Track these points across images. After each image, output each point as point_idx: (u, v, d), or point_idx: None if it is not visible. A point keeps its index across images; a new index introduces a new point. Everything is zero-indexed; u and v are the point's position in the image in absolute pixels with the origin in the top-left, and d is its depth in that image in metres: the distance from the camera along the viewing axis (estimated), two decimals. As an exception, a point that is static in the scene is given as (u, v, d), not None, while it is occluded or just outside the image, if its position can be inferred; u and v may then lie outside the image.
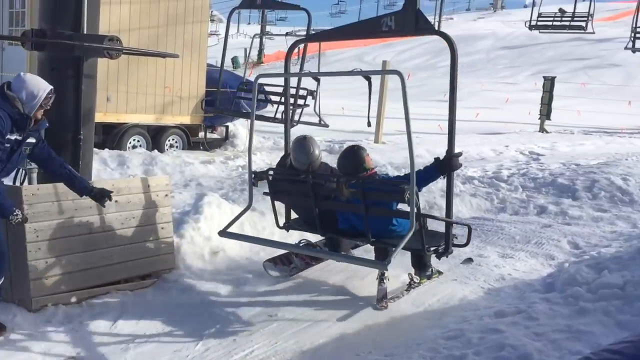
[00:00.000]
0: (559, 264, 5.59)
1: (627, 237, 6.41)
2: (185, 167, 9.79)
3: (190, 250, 5.43)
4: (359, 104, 21.31)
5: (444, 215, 4.56)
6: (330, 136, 12.86)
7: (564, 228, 6.95)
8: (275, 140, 12.78)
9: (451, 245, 4.39)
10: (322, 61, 47.62)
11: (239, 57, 44.57)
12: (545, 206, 7.90)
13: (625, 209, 7.86)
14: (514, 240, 6.47)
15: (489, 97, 27.46)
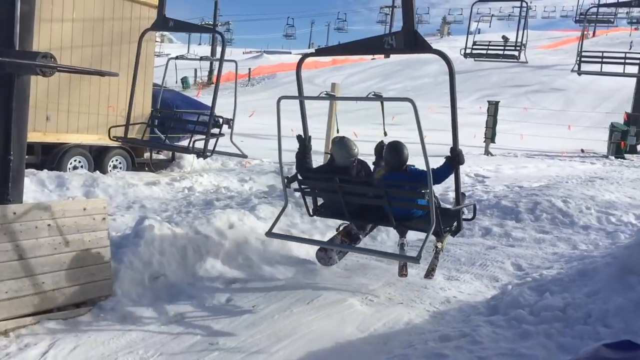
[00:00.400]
0: (502, 286, 5.63)
1: (568, 258, 6.53)
2: (128, 188, 9.50)
3: (129, 275, 5.21)
4: (322, 126, 21.32)
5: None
6: (292, 158, 12.76)
7: (508, 250, 7.04)
8: (223, 162, 12.60)
9: (462, 225, 5.38)
10: (272, 83, 48.24)
11: (188, 78, 44.20)
12: (490, 228, 8.01)
13: (565, 231, 8.04)
14: (459, 262, 6.51)
15: (437, 120, 28.00)
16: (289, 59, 61.32)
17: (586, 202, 9.27)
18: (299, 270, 6.09)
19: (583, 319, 4.08)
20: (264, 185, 10.01)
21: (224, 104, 13.42)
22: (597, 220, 8.51)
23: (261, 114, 20.12)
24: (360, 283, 5.78)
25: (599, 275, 4.62)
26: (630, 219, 8.56)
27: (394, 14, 64.43)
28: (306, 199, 5.91)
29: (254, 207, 7.34)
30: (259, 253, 6.19)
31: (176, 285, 5.38)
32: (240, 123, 19.56)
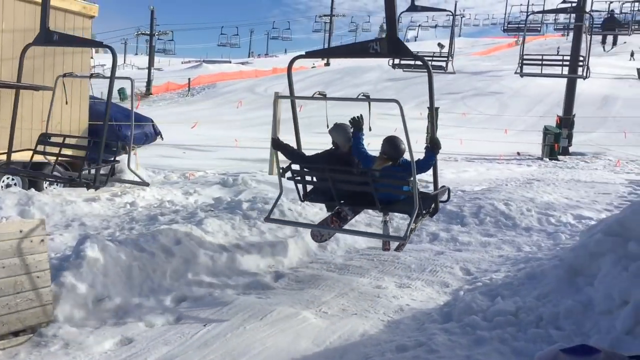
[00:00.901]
0: (453, 291, 5.69)
1: (514, 260, 6.68)
2: (66, 206, 9.11)
3: (71, 299, 4.96)
4: (252, 135, 21.20)
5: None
6: (225, 168, 12.60)
7: (456, 254, 7.14)
8: (166, 175, 12.30)
9: (439, 208, 6.04)
10: (212, 92, 47.57)
11: (125, 89, 43.11)
12: (437, 233, 8.11)
13: (509, 233, 8.25)
14: (410, 269, 6.54)
15: (378, 126, 28.33)
16: (228, 68, 60.92)
17: (526, 204, 9.54)
18: (249, 284, 5.96)
19: (535, 322, 4.15)
20: (209, 197, 9.82)
21: (162, 115, 13.03)
22: (537, 221, 8.77)
23: (204, 124, 19.80)
24: (312, 295, 5.71)
25: (547, 277, 4.72)
26: (569, 219, 8.86)
27: (332, 22, 64.97)
28: (298, 185, 6.29)
29: (201, 221, 7.16)
30: (208, 269, 6.03)
31: (122, 307, 5.15)
32: (182, 134, 19.24)
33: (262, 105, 34.99)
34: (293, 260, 6.84)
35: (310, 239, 7.33)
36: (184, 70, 60.32)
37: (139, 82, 47.38)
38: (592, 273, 4.28)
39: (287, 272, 6.41)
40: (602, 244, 4.35)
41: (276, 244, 6.96)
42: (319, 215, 8.39)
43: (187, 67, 65.45)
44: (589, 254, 4.42)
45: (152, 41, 48.03)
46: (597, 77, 40.72)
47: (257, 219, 7.59)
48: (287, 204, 8.27)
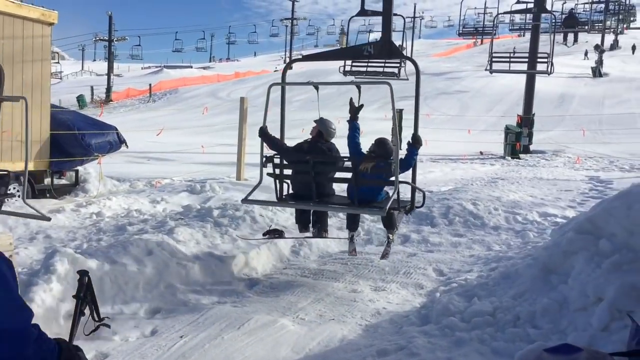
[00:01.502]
0: (429, 293, 5.74)
1: (485, 260, 6.78)
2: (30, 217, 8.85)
3: (41, 315, 4.81)
4: (217, 140, 21.01)
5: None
6: (191, 175, 12.45)
7: (428, 256, 7.20)
8: (131, 183, 12.09)
9: (415, 205, 6.41)
10: (175, 98, 47.06)
11: (85, 96, 42.28)
12: (408, 235, 8.17)
13: (478, 232, 8.37)
14: (384, 272, 6.57)
15: (344, 129, 28.46)
16: (190, 73, 60.37)
17: (493, 203, 9.70)
18: (224, 293, 5.90)
19: (512, 321, 4.22)
20: (177, 205, 9.68)
21: (124, 122, 12.81)
22: (505, 220, 8.92)
23: (167, 130, 19.54)
24: (289, 301, 5.68)
25: (522, 277, 4.81)
26: (535, 217, 9.05)
27: (293, 26, 64.98)
28: (276, 182, 6.59)
29: (172, 230, 7.06)
30: (182, 279, 5.94)
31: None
32: (146, 141, 18.96)
33: (226, 110, 34.80)
34: (267, 267, 6.80)
35: (283, 245, 7.32)
36: (145, 76, 59.55)
37: (97, 88, 46.59)
38: (566, 271, 4.37)
39: (262, 279, 6.37)
40: (575, 242, 4.45)
41: (249, 251, 6.90)
42: (290, 221, 8.37)
43: (147, 73, 64.61)
44: (562, 252, 4.52)
45: (111, 47, 47.22)
46: (554, 76, 41.78)
47: (229, 227, 7.53)
48: (258, 210, 8.23)
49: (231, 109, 31.62)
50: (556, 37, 23.96)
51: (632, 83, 40.59)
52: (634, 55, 55.03)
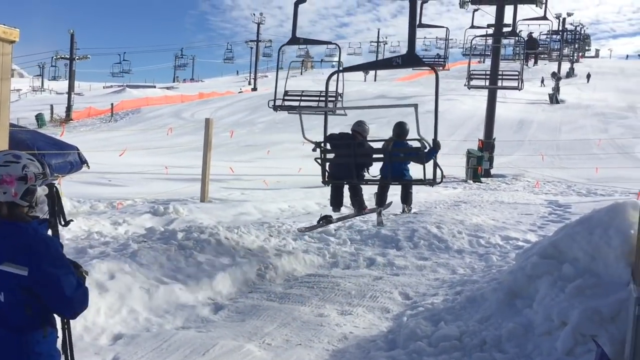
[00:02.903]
0: (395, 317, 5.75)
1: (450, 283, 6.83)
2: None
3: None
4: (181, 161, 20.79)
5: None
6: (154, 196, 12.27)
7: (394, 279, 7.22)
8: (92, 204, 11.82)
9: (436, 180, 7.68)
10: (137, 118, 46.59)
11: (44, 115, 41.43)
12: (374, 258, 8.19)
13: (442, 256, 8.45)
14: (350, 296, 6.55)
15: (309, 152, 28.59)
16: (153, 92, 59.85)
17: (457, 226, 9.83)
18: (188, 318, 5.79)
19: (479, 346, 4.25)
20: (140, 227, 9.49)
21: (85, 141, 12.60)
22: (469, 243, 9.04)
23: (130, 151, 19.26)
24: (254, 326, 5.61)
25: (488, 301, 4.86)
26: (498, 241, 9.20)
27: (258, 47, 65.29)
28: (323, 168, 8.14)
29: (135, 253, 6.91)
30: (145, 303, 5.81)
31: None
32: (107, 161, 18.62)
33: (190, 130, 34.49)
34: (232, 290, 6.71)
35: (248, 268, 7.25)
36: (107, 95, 58.77)
37: (57, 107, 45.73)
38: (531, 295, 4.44)
39: (227, 304, 6.27)
40: (539, 266, 4.53)
41: (214, 275, 6.81)
42: (256, 243, 8.31)
43: (109, 92, 63.79)
44: (526, 276, 4.59)
45: (72, 65, 46.51)
46: (513, 102, 42.97)
47: (194, 250, 7.42)
48: (224, 233, 8.14)
49: (195, 129, 31.38)
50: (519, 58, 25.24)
51: (587, 110, 42.01)
52: (589, 83, 57.04)
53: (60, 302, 2.62)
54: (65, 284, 2.59)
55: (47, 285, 2.57)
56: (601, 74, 62.16)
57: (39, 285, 2.55)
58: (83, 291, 2.69)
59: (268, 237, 8.92)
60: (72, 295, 2.61)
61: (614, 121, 38.01)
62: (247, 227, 9.13)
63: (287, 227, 10.02)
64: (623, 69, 67.97)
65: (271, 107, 12.28)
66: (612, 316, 3.67)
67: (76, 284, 2.65)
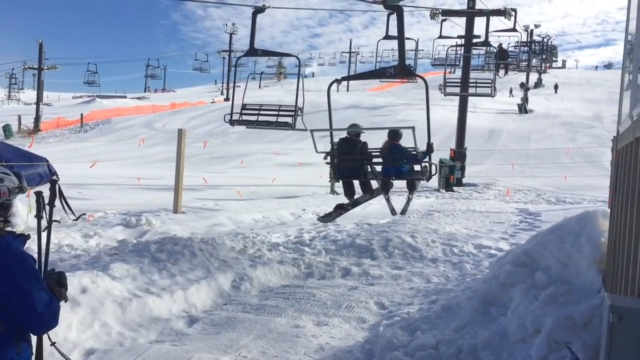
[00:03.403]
0: (371, 327, 5.75)
1: (425, 292, 6.87)
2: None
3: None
4: (153, 172, 20.56)
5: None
6: (126, 208, 12.10)
7: (369, 289, 7.24)
8: (62, 216, 11.58)
9: (431, 174, 9.13)
10: (107, 128, 45.98)
11: (11, 126, 40.65)
12: (349, 268, 8.20)
13: (417, 265, 8.50)
14: (326, 306, 6.54)
15: (282, 162, 28.57)
16: (124, 103, 59.19)
17: (431, 235, 9.92)
18: (163, 331, 5.71)
19: (455, 354, 4.27)
20: (112, 240, 9.35)
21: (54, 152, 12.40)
22: (442, 252, 9.12)
23: (101, 162, 18.98)
24: (230, 339, 5.55)
25: (463, 309, 4.90)
26: (471, 249, 9.30)
27: (231, 57, 65.12)
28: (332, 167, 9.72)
29: (107, 266, 6.80)
30: (118, 317, 5.71)
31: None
32: (78, 172, 18.31)
33: (162, 141, 34.20)
34: (207, 303, 6.65)
35: (223, 280, 7.19)
36: (76, 106, 57.91)
37: (25, 117, 44.89)
38: (505, 303, 4.49)
39: (202, 316, 6.21)
40: (512, 275, 4.59)
41: (188, 287, 6.74)
42: (231, 255, 8.26)
43: (79, 102, 62.91)
44: (500, 284, 4.65)
45: (41, 75, 45.77)
46: (483, 112, 43.59)
47: (167, 262, 7.33)
48: (198, 245, 8.07)
49: (167, 140, 31.13)
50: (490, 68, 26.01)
51: (555, 119, 42.83)
52: (556, 94, 58.21)
53: (30, 317, 2.58)
54: (37, 300, 2.55)
55: (19, 300, 2.53)
56: (568, 84, 63.51)
57: (10, 300, 2.51)
58: (54, 308, 2.65)
59: (243, 248, 8.86)
60: (42, 311, 2.58)
61: (582, 130, 38.82)
62: (222, 238, 9.06)
63: (262, 237, 9.98)
64: (589, 80, 69.57)
65: (227, 122, 11.72)
66: (585, 323, 3.73)
67: (48, 300, 2.62)
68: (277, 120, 11.92)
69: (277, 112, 11.99)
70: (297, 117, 11.40)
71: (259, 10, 10.65)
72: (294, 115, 11.44)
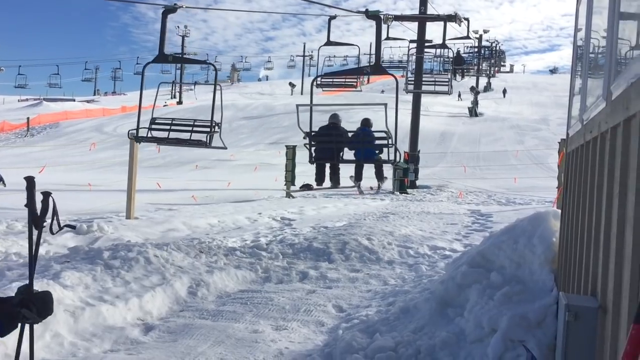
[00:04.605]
0: (330, 330, 5.76)
1: (382, 295, 6.93)
2: None
3: None
4: (104, 177, 20.10)
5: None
6: (76, 214, 11.79)
7: (327, 292, 7.25)
8: (8, 224, 11.20)
9: (397, 160, 10.03)
10: (55, 132, 44.87)
11: (-48, 129, 39.10)
12: (306, 271, 8.19)
13: (374, 267, 8.56)
14: (284, 311, 6.51)
15: (237, 165, 28.36)
16: (73, 106, 57.69)
17: (387, 237, 10.01)
18: (117, 340, 5.57)
19: (414, 355, 4.31)
20: (62, 247, 9.08)
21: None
22: (398, 254, 9.22)
23: (50, 167, 18.44)
24: (187, 346, 5.46)
25: (421, 311, 4.96)
26: (426, 251, 9.43)
27: (183, 69, 64.41)
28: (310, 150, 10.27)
29: (57, 275, 6.59)
30: (70, 327, 5.54)
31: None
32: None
33: (113, 145, 33.46)
34: (162, 310, 6.52)
35: (179, 286, 7.08)
36: (22, 109, 56.10)
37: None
38: (462, 304, 4.57)
39: (157, 324, 6.08)
40: (468, 275, 4.68)
41: (143, 294, 6.60)
42: (187, 260, 8.14)
43: (25, 106, 60.95)
44: (457, 285, 4.73)
45: (-16, 77, 44.18)
46: (435, 115, 44.40)
47: (121, 269, 7.17)
48: (152, 251, 7.93)
49: (118, 144, 30.46)
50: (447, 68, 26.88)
51: (504, 122, 43.98)
52: (505, 97, 59.80)
53: None
54: None
55: None
56: (516, 88, 65.37)
57: None
58: None
59: (198, 253, 8.75)
60: None
61: (529, 133, 39.99)
62: (177, 244, 8.93)
63: (218, 242, 9.87)
64: (536, 84, 71.78)
65: (131, 138, 10.35)
66: (539, 321, 3.84)
67: None
68: (191, 137, 10.55)
69: (191, 127, 10.59)
70: (215, 133, 10.03)
71: (170, 10, 9.82)
72: (209, 132, 10.02)
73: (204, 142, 10.04)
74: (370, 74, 10.59)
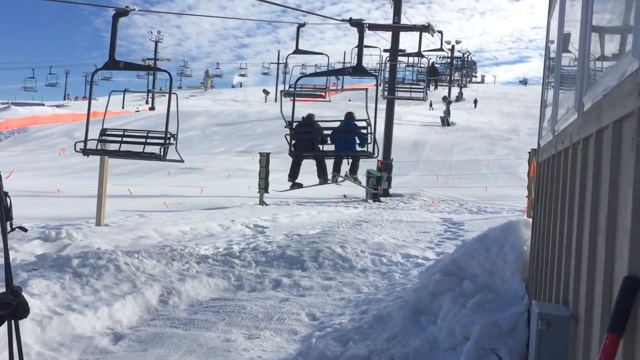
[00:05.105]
0: (303, 339, 5.73)
1: (356, 303, 6.93)
2: None
3: None
4: (74, 183, 19.75)
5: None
6: (45, 221, 11.56)
7: (300, 300, 7.22)
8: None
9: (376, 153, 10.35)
10: (23, 137, 44.16)
11: None
12: (280, 279, 8.15)
13: (347, 275, 8.57)
14: (257, 319, 6.46)
15: (210, 172, 28.15)
16: (42, 111, 56.66)
17: (360, 245, 10.03)
18: (86, 350, 5.45)
19: (388, 364, 4.32)
20: (30, 254, 8.88)
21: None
22: (372, 262, 9.24)
23: (17, 172, 18.05)
24: (158, 355, 5.38)
25: (394, 319, 4.97)
26: (399, 259, 9.47)
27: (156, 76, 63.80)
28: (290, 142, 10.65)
29: (24, 283, 6.44)
30: (37, 337, 5.41)
31: None
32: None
33: (82, 150, 32.94)
34: (132, 318, 6.41)
35: (150, 294, 6.98)
36: (-12, 113, 54.89)
37: None
38: (435, 312, 4.59)
39: (127, 333, 5.98)
40: (441, 283, 4.70)
41: (113, 303, 6.48)
42: (158, 268, 8.03)
43: (-9, 109, 59.62)
44: (430, 293, 4.75)
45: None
46: (408, 124, 44.76)
47: (90, 277, 7.04)
48: (123, 258, 7.80)
49: (88, 149, 29.96)
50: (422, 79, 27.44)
51: (475, 132, 44.57)
52: (476, 108, 60.63)
53: None
54: None
55: None
56: (487, 98, 66.31)
57: None
58: None
59: (170, 261, 8.64)
60: None
61: (500, 143, 40.58)
62: (148, 252, 8.80)
63: (190, 250, 9.77)
64: (506, 94, 72.94)
65: (79, 151, 9.56)
66: (510, 329, 3.88)
67: None
68: (144, 150, 9.74)
69: (144, 139, 9.85)
70: (170, 145, 9.32)
71: (121, 12, 9.30)
72: (163, 144, 9.33)
73: (158, 155, 9.28)
74: (352, 74, 10.98)
